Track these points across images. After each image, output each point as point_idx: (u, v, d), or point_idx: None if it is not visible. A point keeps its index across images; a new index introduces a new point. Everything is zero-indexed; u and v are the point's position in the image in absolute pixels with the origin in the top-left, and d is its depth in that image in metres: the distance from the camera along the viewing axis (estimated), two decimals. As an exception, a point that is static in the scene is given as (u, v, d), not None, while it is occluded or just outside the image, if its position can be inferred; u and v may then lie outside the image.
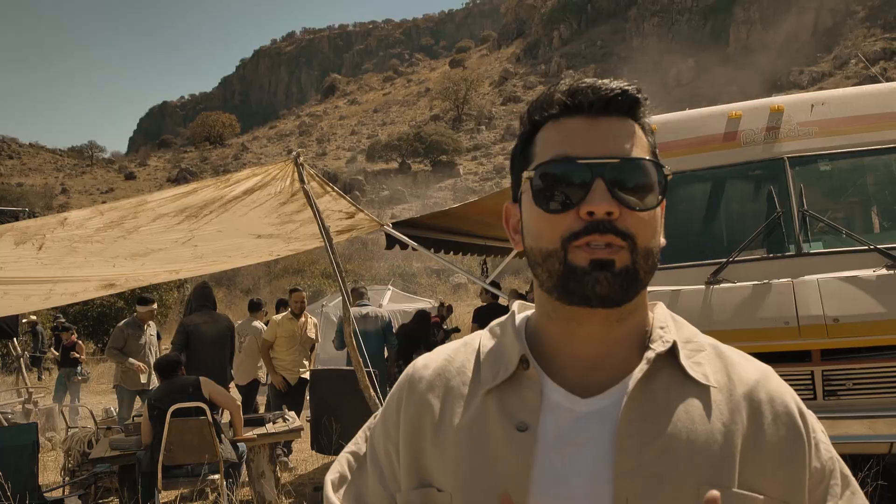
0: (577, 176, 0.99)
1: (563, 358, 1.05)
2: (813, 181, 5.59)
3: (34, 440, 6.23)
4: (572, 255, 0.98)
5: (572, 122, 1.03)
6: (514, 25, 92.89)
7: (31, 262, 5.57)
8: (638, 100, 1.05)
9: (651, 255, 1.01)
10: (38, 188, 63.91)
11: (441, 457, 1.05)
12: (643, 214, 0.99)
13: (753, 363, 1.09)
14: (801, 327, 4.99)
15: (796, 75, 52.14)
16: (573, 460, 0.98)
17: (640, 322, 1.07)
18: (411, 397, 1.13)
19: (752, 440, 0.99)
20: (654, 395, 1.00)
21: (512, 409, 1.02)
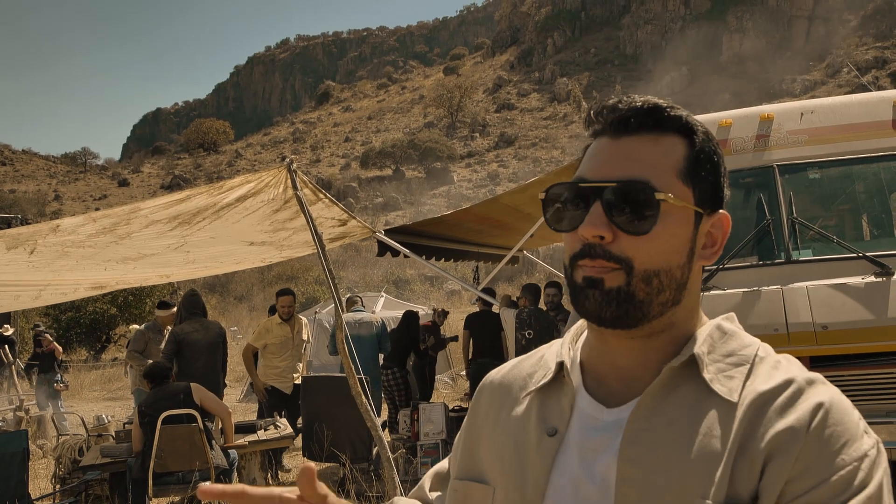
0: (577, 199, 1.04)
1: (603, 366, 1.09)
2: (802, 189, 5.63)
3: (24, 447, 6.21)
4: (576, 273, 1.03)
5: (600, 142, 1.07)
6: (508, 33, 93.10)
7: (22, 265, 5.57)
8: (662, 115, 1.04)
9: (656, 276, 1.00)
10: (31, 195, 63.74)
11: (491, 453, 1.13)
12: (642, 237, 1.00)
13: (795, 373, 1.01)
14: (790, 334, 5.01)
15: (789, 83, 52.36)
16: (588, 466, 1.02)
17: (683, 334, 1.06)
18: (479, 398, 1.23)
19: (746, 444, 0.95)
20: (669, 406, 1.00)
21: (547, 414, 1.09)
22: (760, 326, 5.12)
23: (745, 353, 1.04)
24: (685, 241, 1.03)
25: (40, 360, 13.85)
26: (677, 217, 1.02)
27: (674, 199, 1.01)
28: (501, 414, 1.16)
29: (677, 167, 1.03)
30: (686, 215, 1.03)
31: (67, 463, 7.24)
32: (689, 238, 1.04)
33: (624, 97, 1.07)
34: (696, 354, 1.02)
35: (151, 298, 26.51)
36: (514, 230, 9.38)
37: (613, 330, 1.03)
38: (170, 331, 7.97)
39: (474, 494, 1.12)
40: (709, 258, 1.08)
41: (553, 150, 56.18)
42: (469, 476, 1.15)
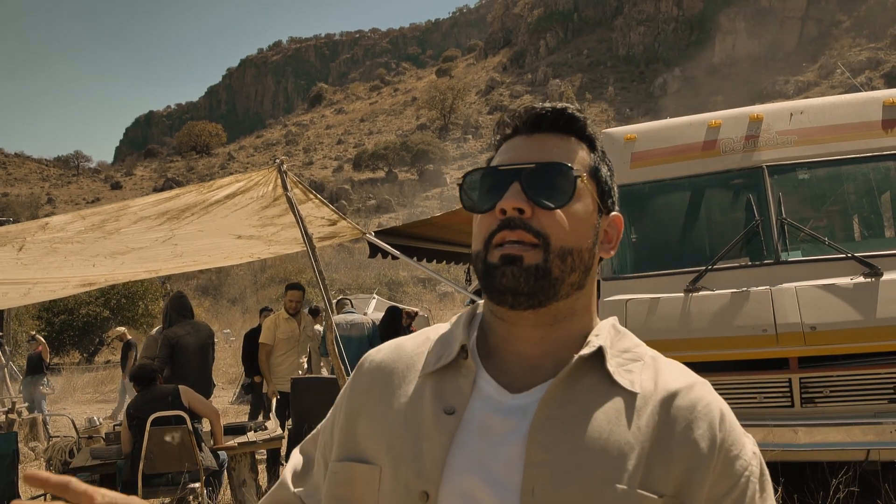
0: (496, 180, 1.09)
1: (507, 354, 1.12)
2: (791, 189, 5.64)
3: (14, 449, 6.20)
4: (490, 254, 1.06)
5: (513, 141, 1.15)
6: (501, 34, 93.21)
7: (10, 262, 5.57)
8: (572, 117, 1.13)
9: (570, 255, 1.07)
10: (23, 198, 63.54)
11: (376, 432, 1.11)
12: (559, 214, 1.07)
13: (687, 374, 1.13)
14: (778, 335, 5.02)
15: (782, 85, 52.53)
16: (492, 448, 1.03)
17: (582, 328, 1.13)
18: (358, 378, 1.21)
19: (661, 442, 1.03)
20: (574, 395, 1.05)
21: (445, 394, 1.09)
22: (749, 327, 5.13)
23: (638, 351, 1.13)
24: (592, 226, 1.12)
25: (29, 362, 13.80)
26: (586, 202, 1.11)
27: (587, 180, 1.11)
28: (385, 394, 1.15)
29: (585, 163, 1.13)
30: (593, 204, 1.12)
31: (58, 465, 7.22)
32: (594, 225, 1.12)
33: (537, 102, 1.16)
34: (603, 347, 1.08)
35: (144, 301, 26.49)
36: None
37: (522, 312, 1.07)
38: (162, 335, 7.89)
39: (358, 475, 1.10)
40: (607, 252, 1.16)
41: (546, 152, 56.23)
42: (350, 457, 1.13)
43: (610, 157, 4.68)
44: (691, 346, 5.20)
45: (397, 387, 1.14)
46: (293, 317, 8.39)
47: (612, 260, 5.85)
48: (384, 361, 1.20)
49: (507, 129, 1.16)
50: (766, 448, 4.73)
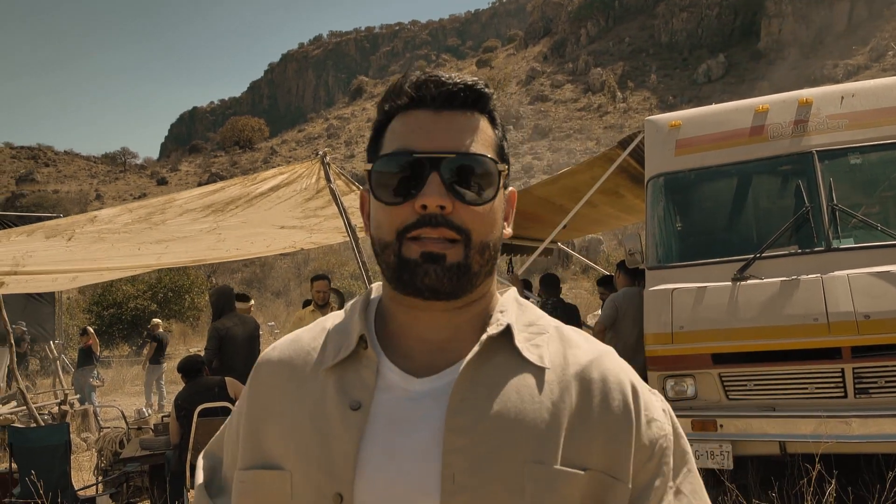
0: (413, 169, 1.02)
1: (410, 340, 1.08)
2: (843, 175, 5.51)
3: (66, 440, 6.31)
4: (405, 248, 1.02)
5: (417, 114, 1.06)
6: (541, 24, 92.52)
7: (60, 251, 5.71)
8: (483, 94, 1.08)
9: (487, 248, 1.05)
10: (73, 194, 64.85)
11: (282, 435, 1.06)
12: (479, 209, 1.03)
13: (594, 344, 1.12)
14: (830, 324, 4.92)
15: (830, 69, 51.36)
16: (405, 438, 1.00)
17: (485, 308, 1.10)
18: (257, 381, 1.15)
19: (579, 416, 1.02)
20: (486, 375, 1.03)
21: (348, 388, 1.04)
22: (799, 316, 5.03)
23: (542, 324, 1.11)
24: (501, 211, 1.09)
25: (80, 354, 14.16)
26: (498, 188, 1.07)
27: (505, 172, 1.08)
28: (288, 393, 1.09)
29: (494, 144, 1.08)
30: (499, 188, 1.08)
31: (109, 455, 7.36)
32: (502, 210, 1.10)
33: (434, 74, 1.08)
34: (511, 324, 1.07)
35: (190, 294, 26.88)
36: (547, 222, 9.31)
37: (434, 302, 1.03)
38: (211, 326, 7.97)
39: (266, 482, 1.04)
40: (507, 230, 1.13)
41: (588, 142, 55.80)
42: (257, 464, 1.07)
43: (654, 145, 4.65)
44: (740, 335, 5.11)
45: (299, 385, 1.09)
46: (321, 308, 8.28)
47: (656, 248, 5.78)
48: (282, 359, 1.14)
49: (403, 99, 1.07)
50: (818, 440, 4.64)
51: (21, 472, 6.08)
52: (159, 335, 15.00)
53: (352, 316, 1.13)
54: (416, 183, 1.01)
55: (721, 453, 5.05)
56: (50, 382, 15.40)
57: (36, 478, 5.61)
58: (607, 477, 1.02)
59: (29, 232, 5.60)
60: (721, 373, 5.25)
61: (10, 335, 8.79)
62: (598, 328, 7.34)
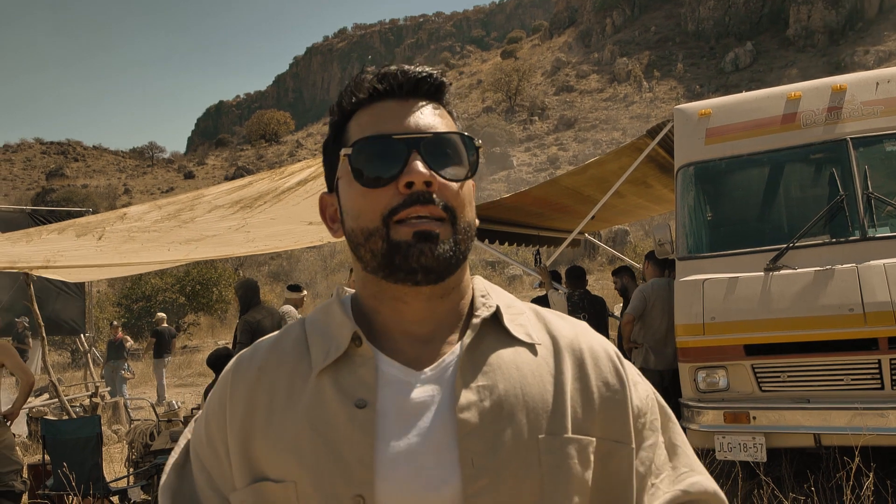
0: (393, 151, 1.01)
1: (395, 335, 1.07)
2: (878, 162, 5.42)
3: (97, 432, 6.37)
4: (394, 231, 1.00)
5: (384, 105, 1.06)
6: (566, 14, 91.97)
7: (91, 250, 5.75)
8: (443, 84, 1.09)
9: (469, 229, 1.06)
10: (102, 189, 65.56)
11: (277, 447, 1.01)
12: (458, 186, 1.04)
13: (570, 321, 1.16)
14: (866, 314, 4.84)
15: (861, 55, 50.58)
16: (415, 431, 0.99)
17: (462, 296, 1.10)
18: (237, 389, 1.07)
19: (579, 387, 1.06)
20: (484, 356, 1.04)
21: (348, 387, 1.01)
22: (834, 307, 4.95)
23: (517, 305, 1.14)
24: (471, 198, 1.09)
25: (109, 347, 14.35)
26: (470, 168, 1.07)
27: (482, 150, 1.10)
28: (274, 403, 1.03)
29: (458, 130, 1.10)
30: (476, 161, 1.09)
31: (139, 447, 7.43)
32: (473, 193, 1.10)
33: (402, 65, 1.08)
34: (499, 306, 1.09)
35: (218, 287, 27.07)
36: (575, 212, 9.25)
37: (419, 288, 1.02)
38: (242, 320, 8.01)
39: (271, 496, 0.99)
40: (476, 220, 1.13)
41: (614, 132, 55.44)
42: (255, 479, 1.01)
43: (683, 134, 4.58)
44: (773, 326, 5.04)
45: (288, 391, 1.04)
46: None
47: (687, 238, 5.71)
48: (263, 365, 1.08)
49: (363, 94, 1.06)
50: (854, 432, 4.57)
51: (54, 464, 6.15)
52: (159, 330, 15.27)
53: (331, 317, 1.10)
54: (397, 164, 1.01)
55: (754, 445, 4.98)
56: (81, 375, 15.60)
57: (68, 469, 5.67)
58: (612, 442, 1.06)
59: (60, 229, 5.64)
60: (754, 364, 5.19)
61: (42, 328, 8.89)
62: (626, 319, 7.28)
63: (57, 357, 22.23)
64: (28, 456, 9.18)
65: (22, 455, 7.42)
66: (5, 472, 5.77)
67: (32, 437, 10.45)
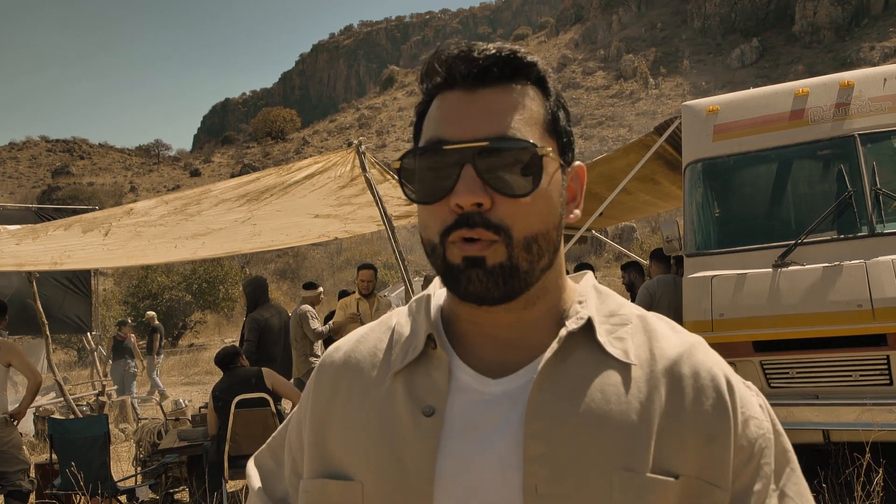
0: (445, 163, 0.92)
1: (477, 338, 1.00)
2: (886, 158, 5.40)
3: (105, 431, 6.37)
4: (449, 251, 0.93)
5: (451, 96, 0.95)
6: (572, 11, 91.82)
7: (97, 248, 5.75)
8: (521, 63, 0.96)
9: (535, 242, 0.93)
10: (108, 187, 65.76)
11: (350, 444, 0.98)
12: (523, 200, 0.92)
13: (682, 335, 1.02)
14: (875, 310, 4.83)
15: (867, 52, 50.41)
16: (481, 446, 0.92)
17: (556, 301, 1.01)
18: (321, 382, 1.07)
19: (669, 417, 0.93)
20: (566, 374, 0.94)
21: (419, 392, 0.96)
22: (843, 303, 4.93)
23: (624, 313, 1.01)
24: (557, 198, 0.97)
25: (116, 346, 14.39)
26: (549, 172, 0.95)
27: (552, 155, 0.95)
28: (354, 397, 1.01)
29: (540, 119, 0.96)
30: (555, 171, 0.97)
31: (147, 446, 7.44)
32: (559, 195, 0.98)
33: (467, 45, 0.96)
34: (592, 317, 0.98)
35: (224, 285, 27.14)
36: (583, 209, 9.23)
37: (491, 307, 0.94)
38: (249, 317, 7.98)
39: (333, 493, 0.97)
40: (571, 213, 1.03)
41: (620, 129, 55.40)
42: (324, 473, 0.99)
43: (691, 130, 4.55)
44: (782, 322, 5.03)
45: (366, 388, 1.01)
46: (366, 298, 8.11)
47: (695, 235, 5.70)
48: (347, 361, 1.06)
49: (436, 79, 0.97)
50: (862, 427, 4.55)
51: (61, 464, 6.16)
52: (158, 326, 15.58)
53: (416, 315, 1.05)
54: (449, 178, 0.91)
55: (763, 442, 4.97)
56: (87, 374, 15.64)
57: (76, 469, 5.68)
58: (704, 483, 0.93)
59: (66, 226, 5.64)
60: (762, 360, 5.18)
61: (45, 327, 8.90)
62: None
63: (63, 355, 22.31)
64: (35, 455, 9.22)
65: (29, 454, 7.45)
66: (13, 471, 5.79)
67: (39, 436, 10.48)
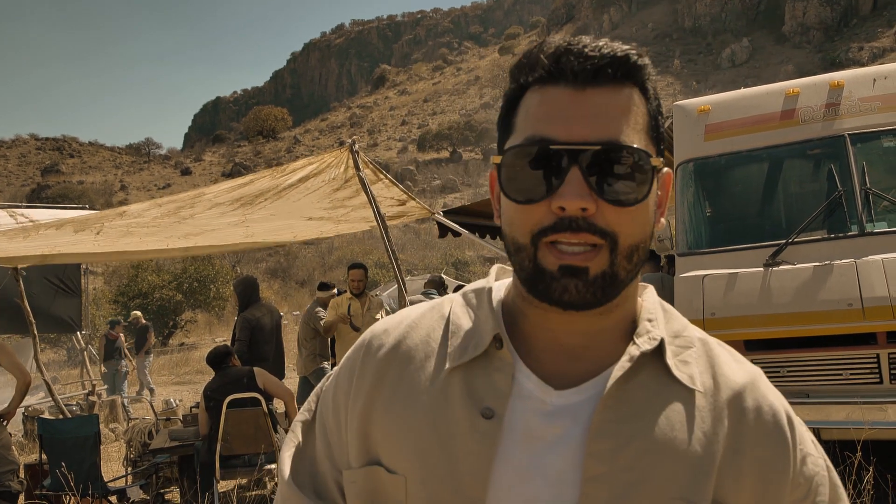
0: (551, 163, 0.88)
1: (542, 342, 0.96)
2: (876, 158, 5.43)
3: (96, 431, 6.35)
4: (542, 254, 0.89)
5: (556, 92, 0.90)
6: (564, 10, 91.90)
7: (89, 244, 5.75)
8: (635, 65, 0.91)
9: (636, 252, 0.90)
10: (98, 185, 65.45)
11: (395, 435, 0.94)
12: (630, 208, 0.88)
13: (743, 365, 1.00)
14: (865, 309, 4.85)
15: (856, 52, 50.64)
16: (540, 457, 0.90)
17: (629, 312, 0.98)
18: (367, 365, 1.01)
19: (732, 450, 0.92)
20: (633, 395, 0.91)
21: (479, 392, 0.93)
22: (833, 302, 4.96)
23: (688, 335, 0.99)
24: (654, 207, 0.94)
25: (107, 345, 14.28)
26: (652, 183, 0.92)
27: (660, 165, 0.92)
28: (403, 386, 0.97)
29: (646, 125, 0.92)
30: (652, 178, 0.92)
31: (138, 446, 7.42)
32: (655, 202, 0.95)
33: (578, 41, 0.92)
34: (664, 338, 0.95)
35: (215, 284, 27.07)
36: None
37: (575, 311, 0.91)
38: (241, 317, 7.96)
39: (381, 485, 0.94)
40: (660, 220, 0.98)
41: (611, 128, 55.42)
42: (369, 462, 0.96)
43: (683, 130, 4.57)
44: (773, 321, 5.05)
45: (417, 378, 0.97)
46: (357, 297, 8.07)
47: (686, 235, 5.72)
48: (397, 345, 1.01)
49: (539, 72, 0.91)
50: (853, 426, 4.58)
51: (51, 464, 6.13)
52: (148, 325, 15.67)
53: (479, 308, 1.01)
54: (553, 179, 0.87)
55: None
56: (76, 373, 15.59)
57: (66, 469, 5.66)
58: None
59: (58, 225, 5.62)
60: (754, 359, 5.18)
61: (33, 326, 8.85)
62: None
63: (53, 355, 22.20)
64: (25, 455, 9.17)
65: (18, 454, 7.41)
66: (2, 471, 5.75)
67: (28, 436, 10.43)
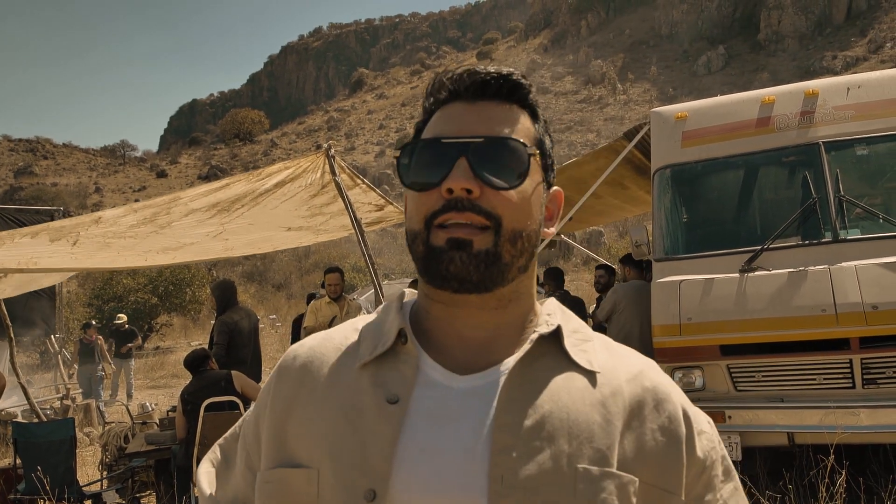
0: (441, 155, 1.00)
1: (448, 338, 1.05)
2: (849, 166, 5.52)
3: (71, 435, 6.31)
4: (433, 235, 0.99)
5: (454, 107, 1.05)
6: (541, 16, 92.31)
7: (65, 256, 5.67)
8: (518, 84, 1.05)
9: (520, 238, 1.00)
10: (72, 187, 64.78)
11: (309, 430, 1.02)
12: (510, 194, 0.99)
13: (638, 356, 1.11)
14: (838, 315, 4.92)
15: (829, 60, 51.30)
16: (446, 436, 0.96)
17: (526, 310, 1.07)
18: (283, 377, 1.10)
19: (633, 425, 1.00)
20: (536, 374, 1.00)
21: (386, 383, 1.01)
22: (807, 307, 5.02)
23: (586, 332, 1.09)
24: (538, 208, 1.05)
25: (82, 349, 14.11)
26: (534, 179, 1.04)
27: (538, 158, 1.04)
28: (317, 391, 1.04)
29: (531, 135, 1.06)
30: (539, 180, 1.05)
31: (113, 450, 7.35)
32: (540, 206, 1.06)
33: (478, 66, 1.06)
34: (560, 326, 1.04)
35: (191, 288, 26.87)
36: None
37: (467, 296, 1.00)
38: (219, 321, 7.92)
39: (293, 481, 1.00)
40: (549, 229, 1.10)
41: (588, 134, 55.73)
42: (282, 463, 1.03)
43: (660, 137, 4.64)
44: (748, 327, 5.11)
45: (330, 382, 1.04)
46: (335, 301, 8.09)
47: (664, 240, 5.77)
48: (311, 356, 1.09)
49: (442, 94, 1.06)
50: (826, 430, 4.64)
51: (25, 468, 6.07)
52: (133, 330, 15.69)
53: (387, 314, 1.10)
54: (443, 169, 0.99)
55: (730, 444, 5.05)
56: (50, 377, 15.41)
57: (41, 473, 5.60)
58: (659, 490, 1.00)
59: (33, 234, 5.55)
60: (729, 364, 5.25)
61: (10, 329, 8.76)
62: (595, 321, 7.37)
63: (25, 358, 21.92)
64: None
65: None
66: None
67: (1, 440, 10.30)
